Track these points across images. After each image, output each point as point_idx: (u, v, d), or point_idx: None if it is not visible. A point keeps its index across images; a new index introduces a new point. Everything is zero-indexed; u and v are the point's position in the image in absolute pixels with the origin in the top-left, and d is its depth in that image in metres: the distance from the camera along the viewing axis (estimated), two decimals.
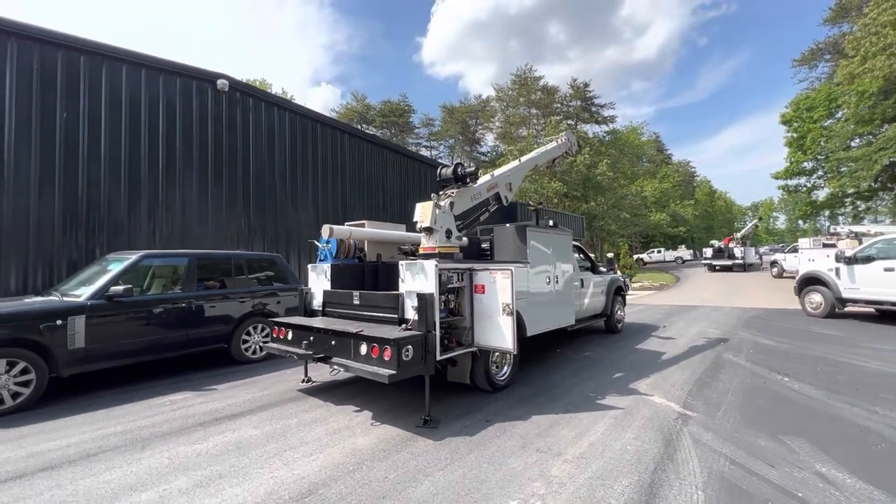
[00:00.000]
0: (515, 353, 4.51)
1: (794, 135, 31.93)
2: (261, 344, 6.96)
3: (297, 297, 5.99)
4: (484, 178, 5.79)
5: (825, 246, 15.48)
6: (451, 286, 4.63)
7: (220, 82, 9.52)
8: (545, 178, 33.70)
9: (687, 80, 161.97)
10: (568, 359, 6.87)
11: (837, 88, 27.66)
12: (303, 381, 5.71)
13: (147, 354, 5.78)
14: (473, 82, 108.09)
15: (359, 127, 46.24)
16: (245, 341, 6.87)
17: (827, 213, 33.67)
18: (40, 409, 4.76)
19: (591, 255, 8.79)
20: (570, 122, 43.79)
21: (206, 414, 4.64)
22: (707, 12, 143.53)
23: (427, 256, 4.75)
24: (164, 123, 8.79)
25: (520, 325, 5.62)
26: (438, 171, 5.19)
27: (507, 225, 6.16)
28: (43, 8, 72.39)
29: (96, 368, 5.35)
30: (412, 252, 5.31)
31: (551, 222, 6.58)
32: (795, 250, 24.52)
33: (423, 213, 4.72)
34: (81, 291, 5.46)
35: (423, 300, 4.24)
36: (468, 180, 5.20)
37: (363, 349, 4.23)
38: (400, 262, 4.70)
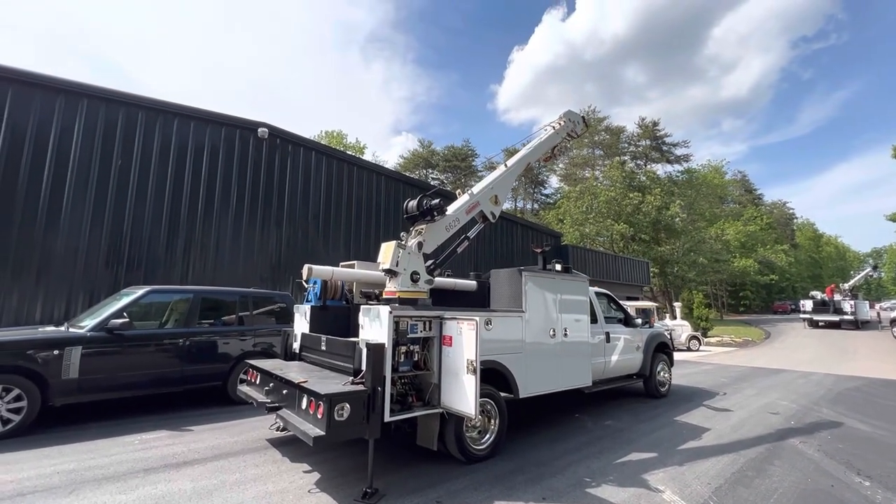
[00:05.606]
0: (476, 419, 3.82)
1: None
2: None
3: (280, 338, 5.81)
4: (460, 201, 5.20)
5: None
6: (414, 336, 4.13)
7: (260, 130, 10.25)
8: (608, 220, 31.96)
9: (787, 115, 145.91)
10: (582, 427, 5.84)
11: None
12: (278, 428, 5.39)
13: (139, 389, 5.85)
14: None
15: (423, 171, 48.15)
16: (243, 381, 6.77)
17: None
18: (27, 437, 4.91)
19: (624, 305, 7.72)
20: (638, 161, 41.79)
21: (160, 458, 4.46)
22: (810, 45, 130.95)
23: (388, 302, 4.31)
24: (206, 168, 9.57)
25: (508, 384, 4.89)
26: (405, 205, 4.78)
27: (503, 270, 5.56)
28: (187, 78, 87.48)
29: (88, 400, 5.49)
30: (376, 296, 4.89)
31: (558, 266, 5.85)
32: None
33: (384, 254, 4.33)
34: (86, 323, 5.75)
35: (371, 351, 3.78)
36: (435, 214, 4.66)
37: (304, 402, 3.83)
38: (361, 307, 4.32)
